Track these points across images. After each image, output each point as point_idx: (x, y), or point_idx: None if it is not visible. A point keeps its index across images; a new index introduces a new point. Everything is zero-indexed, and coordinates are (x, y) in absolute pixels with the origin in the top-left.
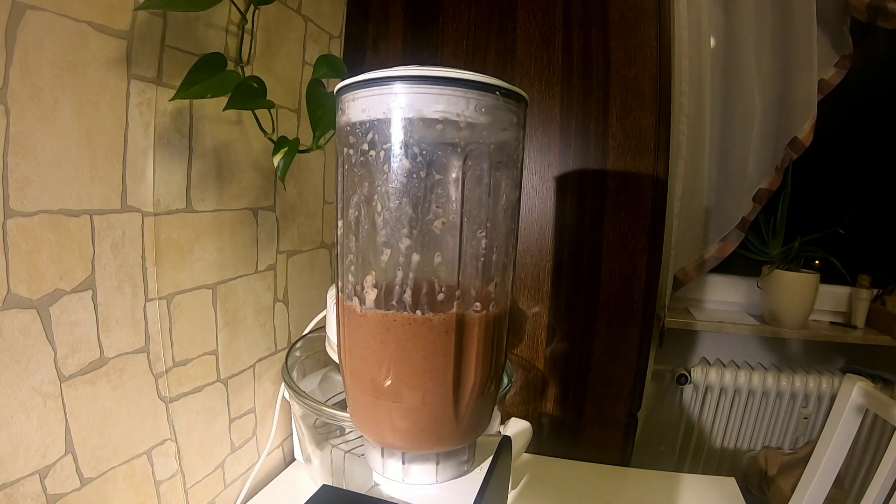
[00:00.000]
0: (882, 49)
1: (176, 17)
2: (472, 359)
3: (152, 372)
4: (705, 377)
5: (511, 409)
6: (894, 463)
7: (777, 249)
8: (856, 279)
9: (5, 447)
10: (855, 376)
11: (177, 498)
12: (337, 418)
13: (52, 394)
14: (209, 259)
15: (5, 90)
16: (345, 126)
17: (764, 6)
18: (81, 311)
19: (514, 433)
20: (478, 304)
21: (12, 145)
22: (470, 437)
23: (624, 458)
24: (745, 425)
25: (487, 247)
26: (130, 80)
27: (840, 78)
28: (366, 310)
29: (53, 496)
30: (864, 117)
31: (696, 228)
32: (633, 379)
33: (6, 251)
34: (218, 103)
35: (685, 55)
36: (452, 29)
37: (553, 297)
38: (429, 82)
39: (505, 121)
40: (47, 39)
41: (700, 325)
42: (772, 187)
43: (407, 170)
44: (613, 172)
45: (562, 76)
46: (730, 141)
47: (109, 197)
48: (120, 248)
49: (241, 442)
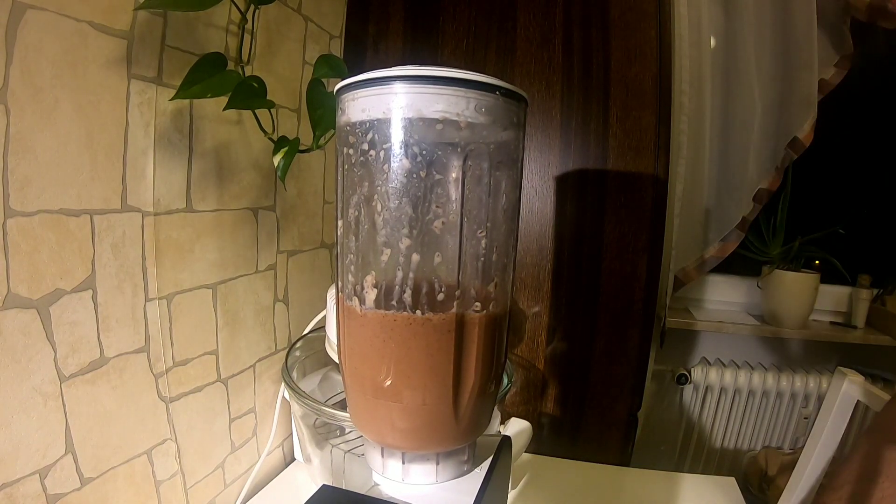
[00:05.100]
0: (882, 49)
1: (176, 17)
2: (472, 359)
3: (152, 372)
4: (705, 377)
5: (511, 409)
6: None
7: (777, 249)
8: (856, 279)
9: (5, 447)
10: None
11: (177, 498)
12: (337, 418)
13: (52, 394)
14: (209, 259)
15: (5, 90)
16: (345, 126)
17: (764, 6)
18: (81, 311)
19: (514, 433)
20: (478, 304)
21: (12, 145)
22: (470, 437)
23: (624, 458)
24: (745, 425)
25: (487, 247)
26: (130, 79)
27: (840, 78)
28: (366, 310)
29: (53, 496)
30: (864, 117)
31: (696, 228)
32: (633, 379)
33: (6, 251)
34: (218, 103)
35: (685, 55)
36: (452, 29)
37: (553, 297)
38: (429, 82)
39: (505, 121)
40: (47, 39)
41: (700, 325)
42: (772, 187)
43: (407, 170)
44: (614, 172)
45: (562, 76)
46: (730, 141)
47: (109, 197)
48: (120, 248)
49: (241, 442)
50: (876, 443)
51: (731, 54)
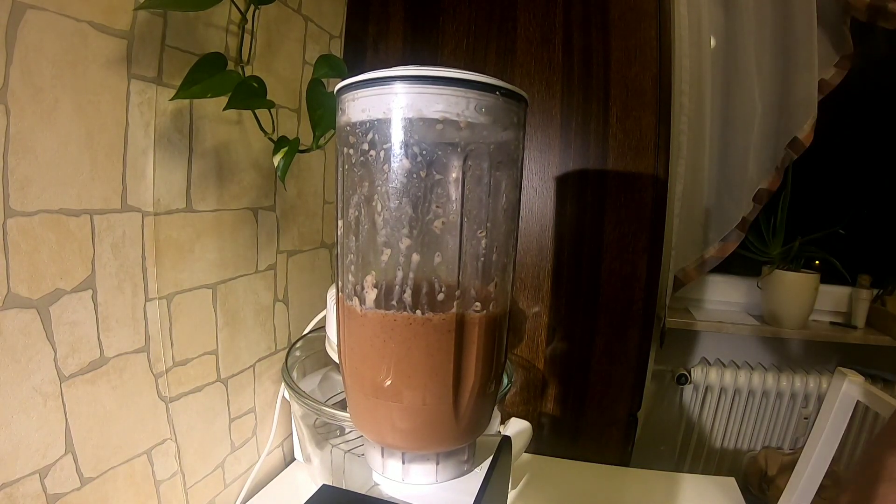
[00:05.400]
0: (882, 49)
1: (176, 17)
2: (472, 359)
3: (152, 372)
4: (705, 377)
5: (511, 409)
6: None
7: (777, 249)
8: (856, 279)
9: (5, 447)
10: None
11: (177, 498)
12: (337, 418)
13: (52, 393)
14: (209, 259)
15: (5, 90)
16: (345, 126)
17: (764, 6)
18: (81, 311)
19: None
20: (478, 304)
21: (12, 145)
22: (470, 437)
23: (624, 458)
24: (745, 425)
25: (487, 247)
26: (131, 79)
27: (840, 78)
28: (366, 310)
29: (53, 496)
30: (864, 117)
31: (696, 228)
32: (633, 379)
33: (6, 251)
34: (218, 103)
35: (685, 55)
36: (453, 29)
37: (553, 297)
38: (429, 82)
39: (505, 121)
40: (47, 39)
41: (700, 325)
42: (772, 187)
43: (407, 170)
44: (614, 172)
45: (562, 76)
46: (730, 141)
47: (109, 197)
48: (120, 248)
49: (241, 442)
50: (882, 447)
51: (731, 54)
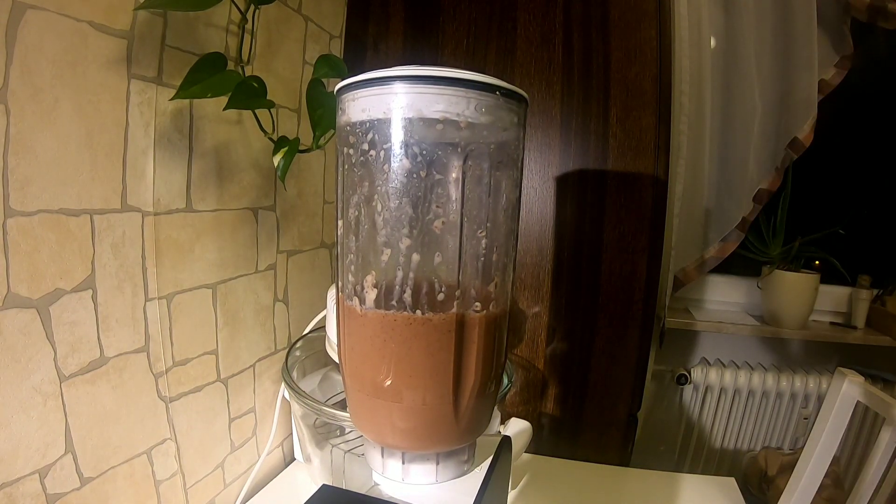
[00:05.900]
0: (882, 49)
1: (176, 17)
2: (473, 359)
3: (152, 371)
4: (705, 377)
5: (511, 409)
6: (883, 453)
7: (777, 250)
8: (856, 279)
9: (5, 447)
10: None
11: (177, 497)
12: (337, 418)
13: (52, 393)
14: (209, 259)
15: (5, 90)
16: (345, 126)
17: (764, 6)
18: (81, 311)
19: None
20: (478, 304)
21: (12, 145)
22: (470, 437)
23: (624, 458)
24: (745, 425)
25: (487, 247)
26: (130, 79)
27: (840, 78)
28: (366, 310)
29: (53, 496)
30: (864, 117)
31: (696, 228)
32: (633, 379)
33: (6, 251)
34: (218, 103)
35: (685, 55)
36: (452, 29)
37: (553, 297)
38: (429, 82)
39: (505, 121)
40: (47, 39)
41: (700, 326)
42: (772, 187)
43: (407, 170)
44: (613, 172)
45: (562, 76)
46: (730, 141)
47: (109, 196)
48: (120, 248)
49: (240, 441)
50: None
51: (731, 54)
